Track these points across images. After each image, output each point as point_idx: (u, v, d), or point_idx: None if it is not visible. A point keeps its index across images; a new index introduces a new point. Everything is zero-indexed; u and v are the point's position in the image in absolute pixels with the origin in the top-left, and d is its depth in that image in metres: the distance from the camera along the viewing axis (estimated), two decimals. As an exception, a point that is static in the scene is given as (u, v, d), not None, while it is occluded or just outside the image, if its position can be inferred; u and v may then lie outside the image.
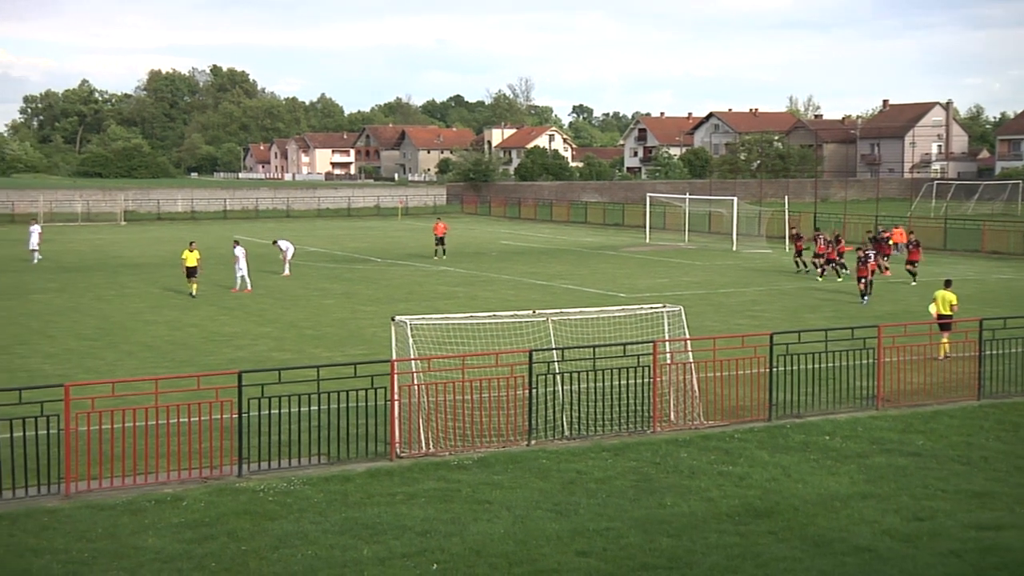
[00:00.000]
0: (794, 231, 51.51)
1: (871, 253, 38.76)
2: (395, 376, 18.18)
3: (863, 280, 37.71)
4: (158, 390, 17.07)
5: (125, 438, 16.75)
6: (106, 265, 52.34)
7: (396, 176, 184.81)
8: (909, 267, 44.38)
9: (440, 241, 56.83)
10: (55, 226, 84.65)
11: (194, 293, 39.42)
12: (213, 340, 30.28)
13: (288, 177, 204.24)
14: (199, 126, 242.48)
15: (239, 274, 41.46)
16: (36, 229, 55.54)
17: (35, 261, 53.58)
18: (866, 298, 37.55)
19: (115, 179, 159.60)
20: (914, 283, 43.15)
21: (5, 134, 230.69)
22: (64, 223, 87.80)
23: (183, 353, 28.16)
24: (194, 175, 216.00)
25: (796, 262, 48.66)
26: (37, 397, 16.78)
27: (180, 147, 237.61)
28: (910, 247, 45.08)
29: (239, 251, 41.86)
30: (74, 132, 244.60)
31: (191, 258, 39.83)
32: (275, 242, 49.02)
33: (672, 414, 20.28)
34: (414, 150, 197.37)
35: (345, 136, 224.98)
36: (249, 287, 41.00)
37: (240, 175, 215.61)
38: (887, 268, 46.25)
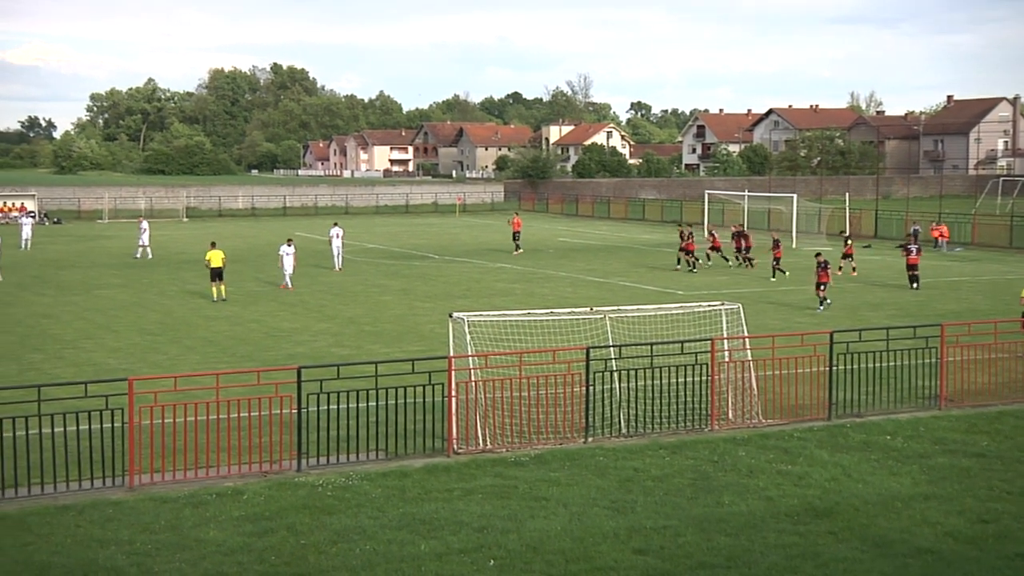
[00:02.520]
0: (737, 229, 51.12)
1: (827, 260, 36.04)
2: (452, 372, 18.24)
3: (822, 286, 35.34)
4: (219, 385, 17.27)
5: (187, 432, 16.97)
6: (168, 261, 53.05)
7: (454, 173, 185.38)
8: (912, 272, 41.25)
9: (516, 236, 57.18)
10: (119, 223, 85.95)
11: (223, 296, 37.44)
12: (273, 336, 30.59)
13: (347, 174, 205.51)
14: (259, 123, 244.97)
15: (287, 272, 41.09)
16: (145, 226, 56.27)
17: (138, 255, 54.21)
18: (823, 306, 34.99)
19: (177, 176, 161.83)
20: (914, 287, 40.41)
21: (72, 132, 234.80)
22: (128, 219, 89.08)
23: (244, 348, 28.48)
24: (254, 172, 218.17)
25: (739, 259, 48.98)
26: (102, 391, 17.07)
27: (241, 144, 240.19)
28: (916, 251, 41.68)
29: (287, 249, 41.33)
30: (138, 130, 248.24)
31: (215, 258, 37.91)
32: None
33: (730, 412, 20.14)
34: (472, 147, 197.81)
35: (403, 133, 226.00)
36: (291, 286, 40.91)
37: (299, 172, 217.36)
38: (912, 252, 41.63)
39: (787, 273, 44.14)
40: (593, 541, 13.65)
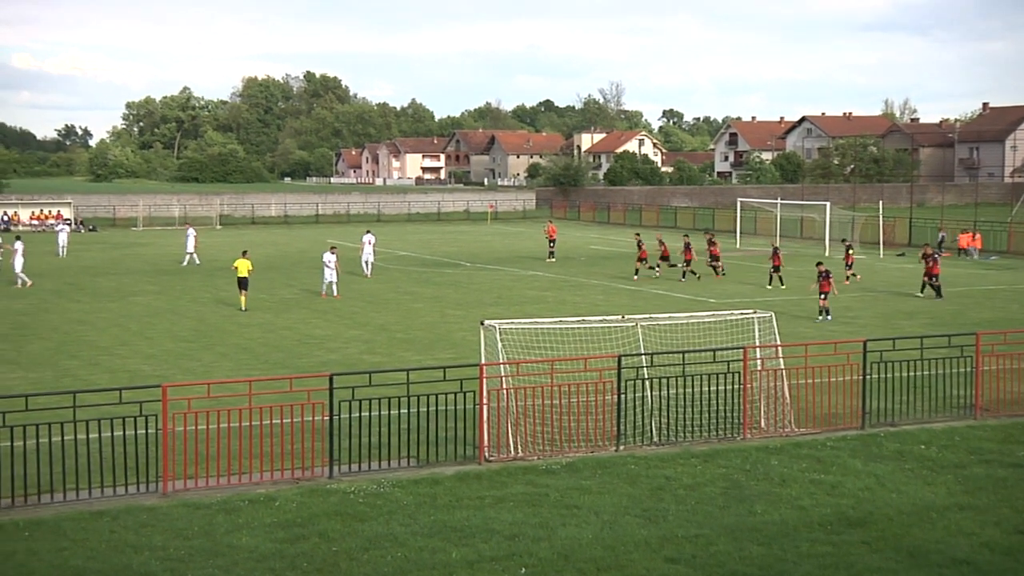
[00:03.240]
0: (708, 236, 50.61)
1: (828, 270, 35.46)
2: (484, 380, 18.25)
3: (823, 296, 34.82)
4: (252, 391, 17.36)
5: (220, 438, 17.07)
6: (201, 268, 53.39)
7: (486, 181, 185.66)
8: (928, 279, 40.64)
9: (551, 243, 57.28)
10: (154, 230, 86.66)
11: (244, 307, 37.30)
12: (305, 343, 30.73)
13: (379, 182, 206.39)
14: (292, 131, 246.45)
15: (327, 280, 41.17)
16: (192, 232, 56.67)
17: (185, 263, 54.64)
18: (824, 316, 34.40)
19: (211, 183, 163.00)
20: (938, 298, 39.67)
21: (108, 140, 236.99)
22: (163, 227, 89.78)
23: (276, 355, 28.62)
24: (287, 180, 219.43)
25: (712, 267, 48.58)
26: (136, 397, 17.19)
27: (274, 152, 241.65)
28: (930, 261, 40.79)
29: (330, 257, 41.45)
30: (172, 138, 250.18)
31: (243, 267, 38.12)
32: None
33: (763, 421, 20.04)
34: (504, 155, 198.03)
35: (435, 141, 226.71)
36: (336, 293, 41.04)
37: (332, 180, 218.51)
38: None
39: (784, 285, 43.56)
40: (624, 550, 13.61)
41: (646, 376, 19.98)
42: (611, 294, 42.24)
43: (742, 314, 21.70)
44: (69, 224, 77.33)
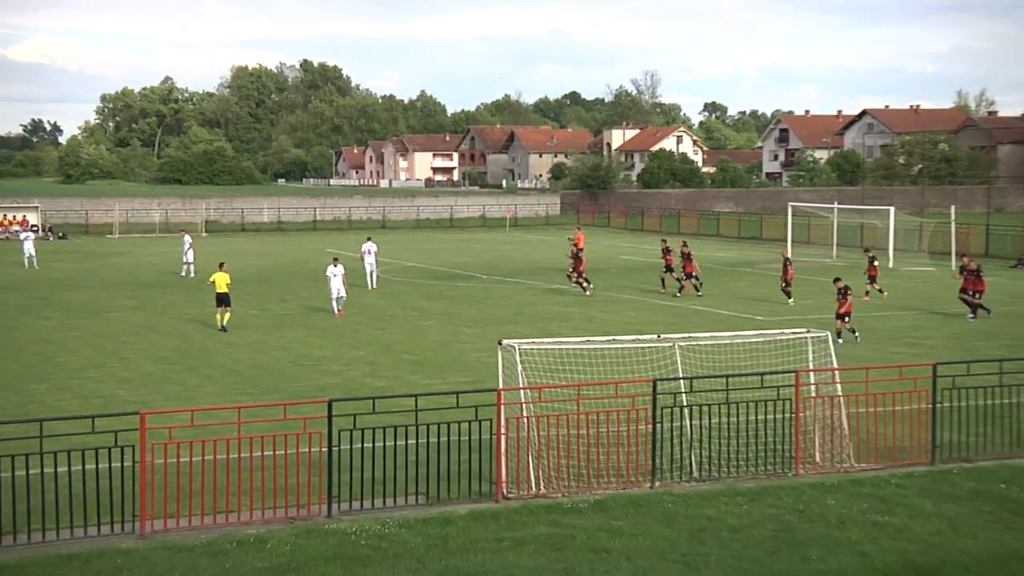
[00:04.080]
0: (665, 245, 50.29)
1: (849, 286, 34.75)
2: (502, 407, 18.25)
3: (846, 317, 33.90)
4: (241, 420, 17.41)
5: (205, 472, 17.11)
6: (186, 281, 53.64)
7: (504, 183, 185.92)
8: (965, 296, 40.00)
9: (580, 252, 57.28)
10: (132, 238, 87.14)
11: (224, 325, 36.86)
12: (301, 364, 30.82)
13: (384, 184, 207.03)
14: (287, 127, 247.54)
15: (335, 295, 40.75)
16: (188, 240, 56.85)
17: (183, 273, 54.83)
18: (842, 338, 33.17)
19: (196, 186, 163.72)
20: (971, 317, 39.14)
21: (80, 137, 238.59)
22: (141, 234, 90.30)
23: (268, 378, 28.71)
24: (281, 182, 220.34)
25: (661, 280, 48.54)
26: (111, 426, 17.26)
27: (267, 150, 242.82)
28: (968, 274, 40.20)
29: (334, 270, 40.94)
30: (153, 134, 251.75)
31: (220, 281, 37.37)
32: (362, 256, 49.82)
33: (817, 455, 19.96)
34: (524, 153, 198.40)
35: (447, 138, 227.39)
36: (341, 309, 40.85)
37: (331, 181, 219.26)
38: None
39: (791, 300, 43.29)
40: (661, 600, 13.56)
41: (685, 403, 19.93)
42: (644, 310, 42.17)
43: (794, 333, 21.64)
44: (36, 231, 77.82)
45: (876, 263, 45.99)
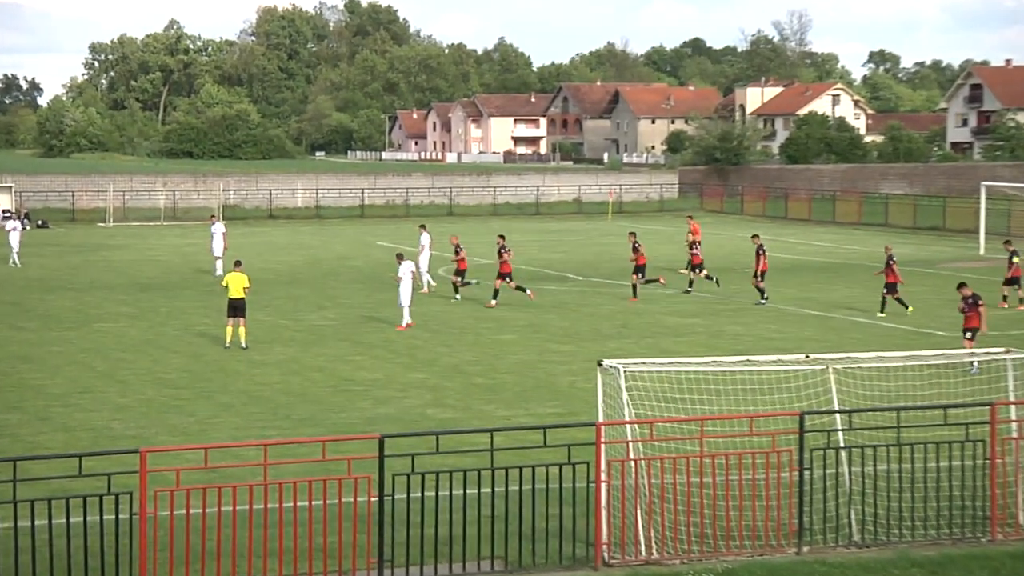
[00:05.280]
0: (634, 240, 49.57)
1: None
2: (602, 446, 18.18)
3: (969, 334, 32.66)
4: (268, 460, 17.50)
5: (222, 527, 17.23)
6: (198, 282, 54.07)
7: (606, 157, 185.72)
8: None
9: (694, 246, 57.12)
10: (130, 227, 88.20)
11: (241, 341, 36.78)
12: (344, 390, 30.97)
13: (451, 158, 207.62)
14: (328, 86, 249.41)
15: (403, 303, 40.77)
16: (220, 229, 57.13)
17: (219, 271, 54.66)
18: (972, 368, 29.48)
19: (211, 160, 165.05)
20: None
21: (64, 97, 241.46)
22: (141, 222, 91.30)
23: (303, 408, 28.88)
24: (320, 155, 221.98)
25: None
26: (103, 467, 17.43)
27: (301, 116, 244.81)
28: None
29: (405, 268, 40.98)
30: (156, 94, 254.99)
31: (235, 284, 37.04)
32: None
33: (1020, 515, 19.67)
34: (632, 119, 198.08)
35: (533, 99, 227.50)
36: (408, 323, 40.66)
37: (384, 155, 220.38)
38: None
39: (909, 309, 42.73)
40: None
41: (842, 444, 19.74)
42: (788, 322, 41.87)
43: (987, 353, 21.33)
44: (13, 217, 77.49)
45: (1016, 259, 45.84)
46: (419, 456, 17.82)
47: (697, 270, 50.31)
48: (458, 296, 47.52)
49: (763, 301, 46.05)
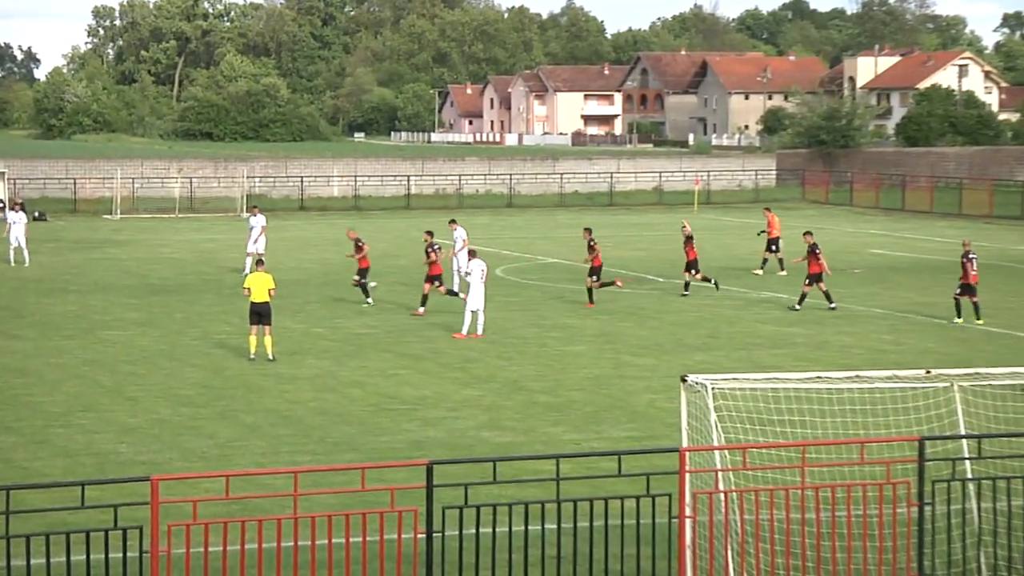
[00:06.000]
0: (589, 237, 49.42)
1: None
2: (687, 476, 18.14)
3: None
4: (298, 490, 17.55)
5: (246, 568, 17.33)
6: (219, 284, 54.23)
7: (691, 139, 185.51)
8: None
9: (771, 245, 56.92)
10: (140, 219, 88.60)
11: (267, 352, 36.95)
12: (387, 409, 31.03)
13: (511, 141, 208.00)
14: (368, 56, 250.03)
15: (470, 307, 40.91)
16: (259, 222, 57.00)
17: (247, 270, 54.75)
18: None
19: (233, 143, 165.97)
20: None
21: (65, 70, 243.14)
22: (153, 215, 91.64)
23: (339, 430, 28.96)
24: (359, 137, 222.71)
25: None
26: (109, 497, 17.51)
27: (338, 91, 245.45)
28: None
29: (476, 266, 41.24)
30: (171, 66, 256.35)
31: (258, 287, 37.09)
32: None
33: None
34: (723, 94, 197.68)
35: (606, 71, 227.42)
36: (479, 331, 40.74)
37: (434, 137, 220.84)
38: None
39: (981, 320, 42.42)
40: None
41: (969, 474, 19.61)
42: (905, 331, 41.69)
43: None
44: (21, 210, 77.37)
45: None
46: (473, 486, 17.83)
47: (692, 270, 50.15)
48: (370, 300, 47.45)
49: (797, 307, 46.09)
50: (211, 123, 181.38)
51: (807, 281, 46.22)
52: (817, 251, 46.33)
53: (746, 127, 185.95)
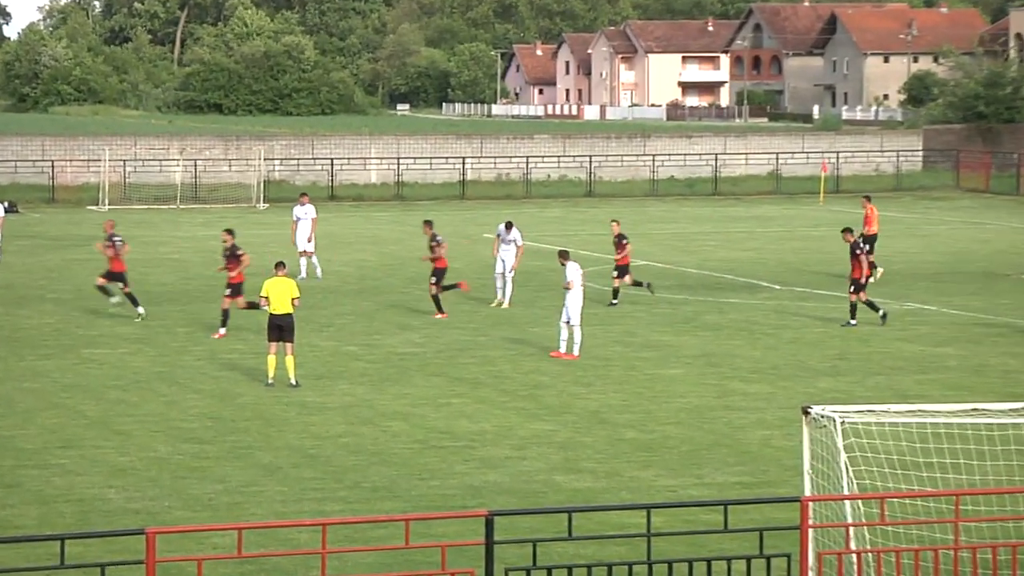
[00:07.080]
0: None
1: None
2: (809, 531, 18.13)
3: None
4: (327, 546, 17.64)
5: (261, 640, 17.43)
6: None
7: (816, 111, 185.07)
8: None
9: (869, 242, 56.83)
10: (132, 211, 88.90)
11: (292, 378, 36.95)
12: (436, 446, 31.07)
13: (591, 114, 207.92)
14: (414, 9, 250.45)
15: (566, 320, 40.82)
16: (307, 213, 57.54)
17: (308, 274, 55.55)
18: None
19: (247, 116, 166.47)
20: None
21: (41, 26, 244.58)
22: (150, 205, 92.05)
23: (377, 472, 29.03)
24: (402, 109, 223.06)
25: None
26: (95, 554, 17.67)
27: (376, 53, 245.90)
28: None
29: (573, 271, 41.21)
30: (171, 22, 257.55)
31: (278, 295, 37.25)
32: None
33: None
34: (855, 55, 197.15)
35: (711, 28, 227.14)
36: (576, 352, 40.56)
37: (495, 109, 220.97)
38: None
39: None
40: None
41: None
42: (1087, 354, 41.51)
43: None
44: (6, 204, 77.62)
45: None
46: (543, 543, 17.88)
47: (619, 274, 50.09)
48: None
49: (852, 322, 45.94)
50: (220, 92, 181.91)
51: (851, 288, 46.12)
52: (858, 252, 46.31)
53: (885, 97, 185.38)
